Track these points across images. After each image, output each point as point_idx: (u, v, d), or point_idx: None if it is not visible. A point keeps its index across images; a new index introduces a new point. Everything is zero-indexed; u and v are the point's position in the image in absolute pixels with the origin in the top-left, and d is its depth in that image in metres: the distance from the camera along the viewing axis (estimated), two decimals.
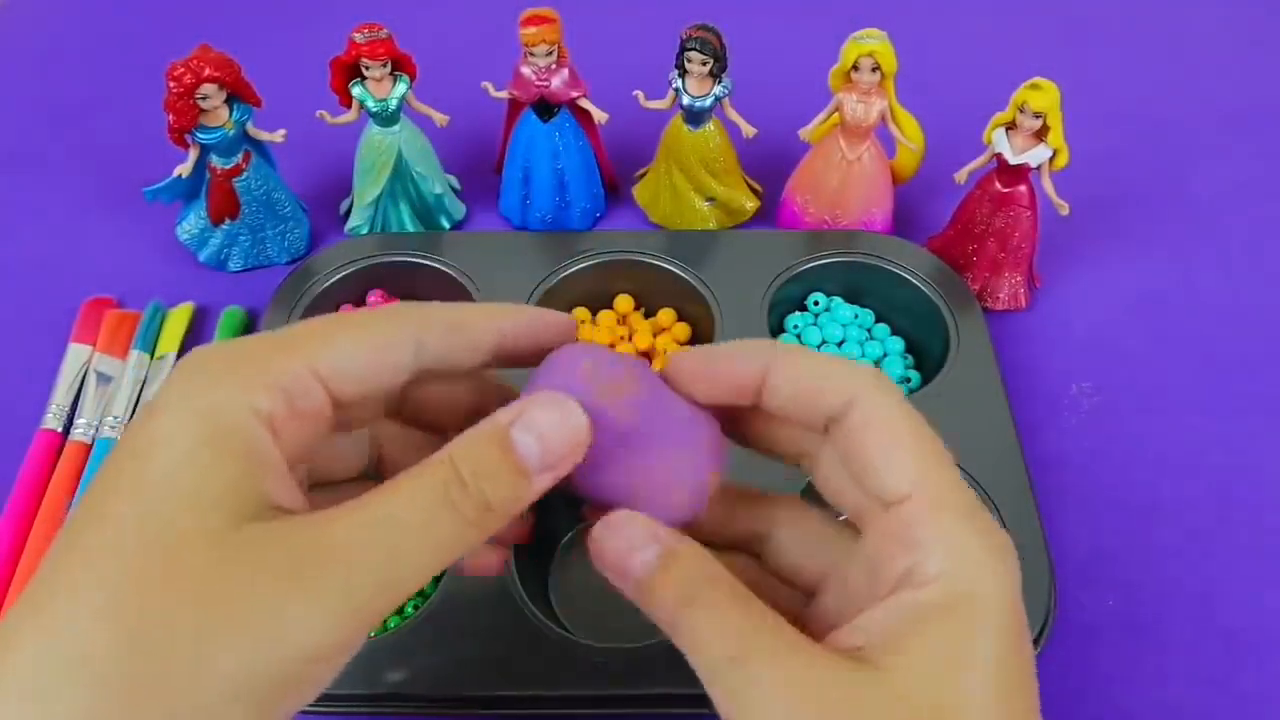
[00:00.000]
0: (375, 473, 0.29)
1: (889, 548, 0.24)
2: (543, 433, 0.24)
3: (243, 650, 0.20)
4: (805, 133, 0.58)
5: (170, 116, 0.52)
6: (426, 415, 0.29)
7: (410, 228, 0.60)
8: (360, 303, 0.57)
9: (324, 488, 0.27)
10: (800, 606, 0.27)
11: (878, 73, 0.53)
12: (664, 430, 0.26)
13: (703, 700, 0.24)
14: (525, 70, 0.56)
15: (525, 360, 0.27)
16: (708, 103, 0.55)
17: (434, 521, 0.22)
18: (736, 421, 0.28)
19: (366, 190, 0.58)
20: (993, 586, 0.23)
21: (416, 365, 0.25)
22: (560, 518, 0.49)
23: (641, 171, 0.63)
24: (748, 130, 0.57)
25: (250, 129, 0.55)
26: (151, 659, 0.20)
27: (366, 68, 0.54)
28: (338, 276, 0.55)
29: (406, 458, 0.27)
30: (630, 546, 0.24)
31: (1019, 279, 0.57)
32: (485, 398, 0.29)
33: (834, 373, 0.25)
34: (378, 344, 0.24)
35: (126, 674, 0.19)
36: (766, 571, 0.29)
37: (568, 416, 0.24)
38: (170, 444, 0.21)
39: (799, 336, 0.55)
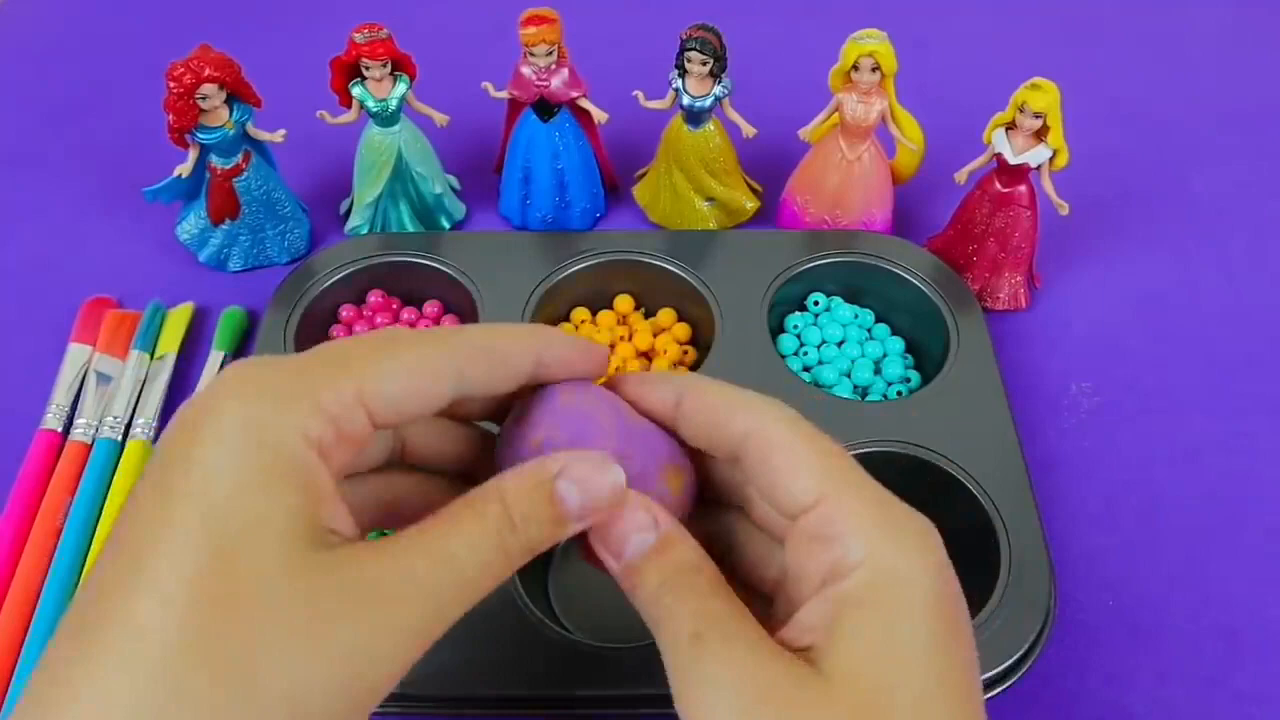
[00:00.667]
0: (400, 460, 0.29)
1: (808, 548, 0.25)
2: (586, 489, 0.25)
3: (312, 673, 0.21)
4: (805, 133, 0.58)
5: (170, 116, 0.52)
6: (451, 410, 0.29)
7: (410, 228, 0.60)
8: (360, 303, 0.57)
9: (350, 479, 0.28)
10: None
11: (878, 73, 0.53)
12: (643, 450, 0.28)
13: None
14: (525, 70, 0.56)
15: (553, 380, 0.28)
16: (708, 103, 0.55)
17: (490, 561, 0.24)
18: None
19: (366, 190, 0.58)
20: (916, 564, 0.24)
21: (455, 397, 0.26)
22: None
23: (641, 171, 0.63)
24: (748, 130, 0.57)
25: (250, 129, 0.55)
26: (220, 678, 0.20)
27: (366, 68, 0.54)
28: (338, 276, 0.55)
29: (430, 445, 0.29)
30: (634, 527, 0.25)
31: (1019, 279, 0.57)
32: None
33: (734, 404, 0.27)
34: (423, 374, 0.25)
35: (194, 692, 0.19)
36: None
37: (607, 474, 0.25)
38: (231, 470, 0.21)
39: (799, 336, 0.55)
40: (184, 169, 0.55)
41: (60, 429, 0.51)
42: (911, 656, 0.23)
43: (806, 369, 0.54)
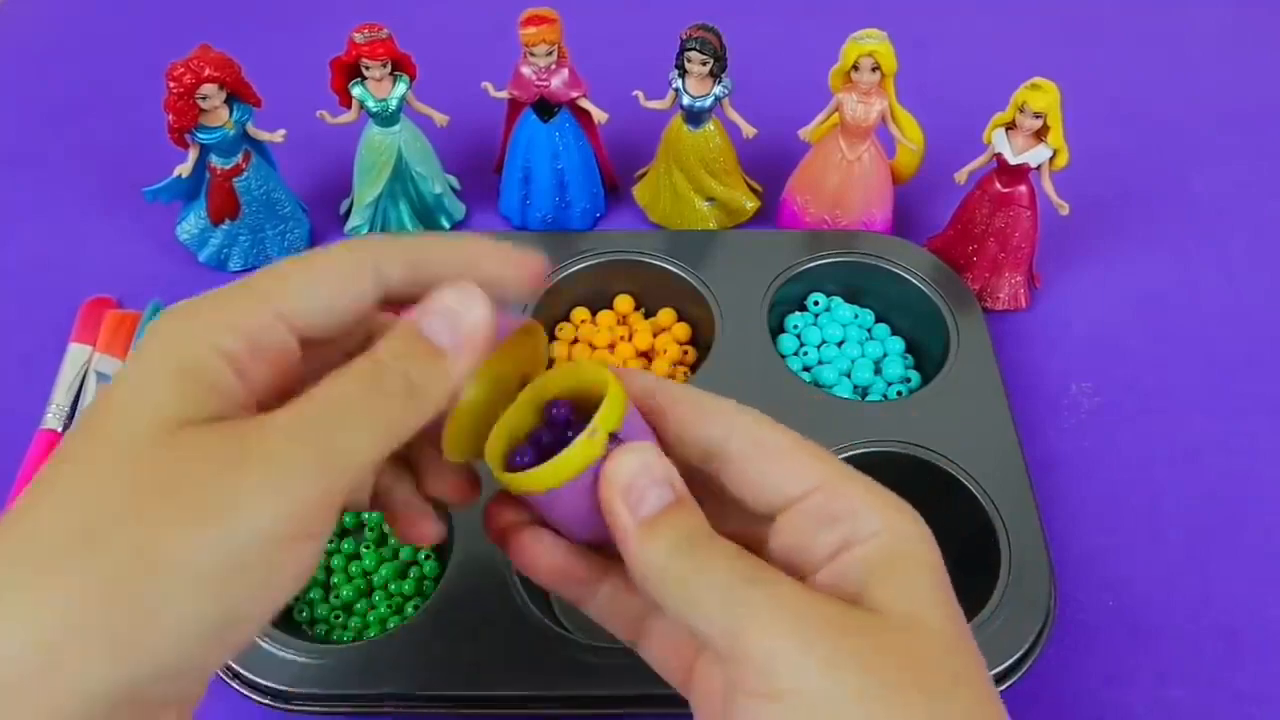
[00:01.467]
0: None
1: (812, 527, 0.26)
2: (451, 317, 0.25)
3: (195, 536, 0.21)
4: (805, 133, 0.58)
5: (170, 116, 0.52)
6: None
7: (410, 228, 0.60)
8: None
9: None
10: None
11: (878, 73, 0.53)
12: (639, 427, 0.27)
13: None
14: (525, 70, 0.56)
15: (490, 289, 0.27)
16: (708, 103, 0.55)
17: (364, 399, 0.24)
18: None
19: (366, 190, 0.58)
20: (922, 533, 0.26)
21: (378, 292, 0.26)
22: None
23: (641, 171, 0.63)
24: (747, 130, 0.57)
25: (250, 129, 0.55)
26: (107, 553, 0.20)
27: (366, 68, 0.54)
28: None
29: None
30: (651, 480, 0.25)
31: (1019, 279, 0.57)
32: None
33: (710, 408, 0.27)
34: (332, 276, 0.25)
35: (86, 569, 0.20)
36: None
37: (469, 300, 0.25)
38: (136, 373, 0.23)
39: (799, 336, 0.55)
40: (184, 169, 0.55)
41: (60, 429, 0.51)
42: (935, 600, 0.25)
43: (806, 369, 0.54)
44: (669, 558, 0.24)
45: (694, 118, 0.57)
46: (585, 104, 0.57)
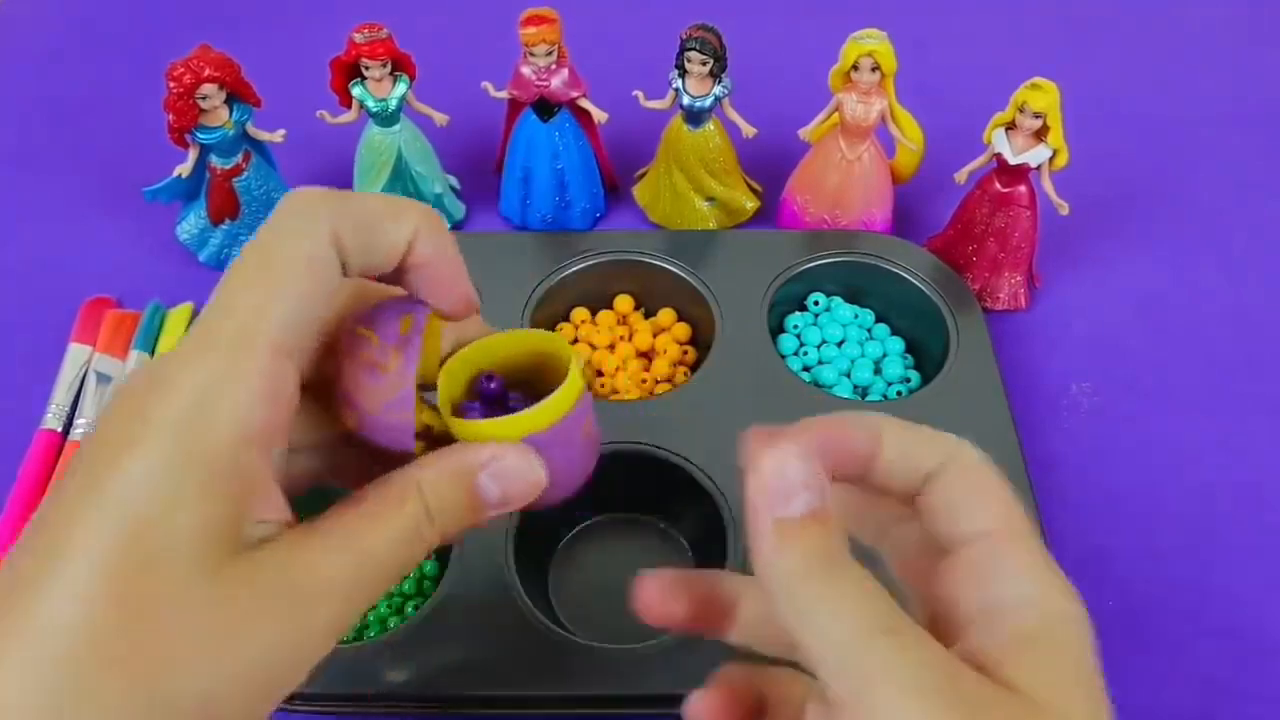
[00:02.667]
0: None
1: (968, 577, 0.24)
2: (508, 482, 0.25)
3: (226, 675, 0.21)
4: (805, 133, 0.58)
5: (170, 116, 0.52)
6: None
7: None
8: None
9: (291, 452, 0.27)
10: None
11: (877, 73, 0.53)
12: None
13: None
14: (525, 70, 0.56)
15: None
16: (707, 103, 0.55)
17: (407, 554, 0.24)
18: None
19: (366, 190, 0.58)
20: (1078, 612, 0.24)
21: (349, 271, 0.25)
22: (559, 518, 0.49)
23: (641, 171, 0.63)
24: (747, 130, 0.57)
25: (250, 129, 0.55)
26: (131, 681, 0.20)
27: (366, 68, 0.54)
28: None
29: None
30: (801, 480, 0.23)
31: (1019, 279, 0.57)
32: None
33: (931, 437, 0.26)
34: (306, 285, 0.23)
35: (101, 694, 0.20)
36: None
37: (532, 471, 0.25)
38: (160, 476, 0.21)
39: (799, 336, 0.55)
40: (184, 169, 0.55)
41: (60, 429, 0.51)
42: (1080, 690, 0.23)
43: (806, 369, 0.54)
44: (799, 578, 0.22)
45: (694, 118, 0.57)
46: (585, 104, 0.57)
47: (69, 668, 0.20)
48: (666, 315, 0.56)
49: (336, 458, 0.28)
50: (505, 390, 0.27)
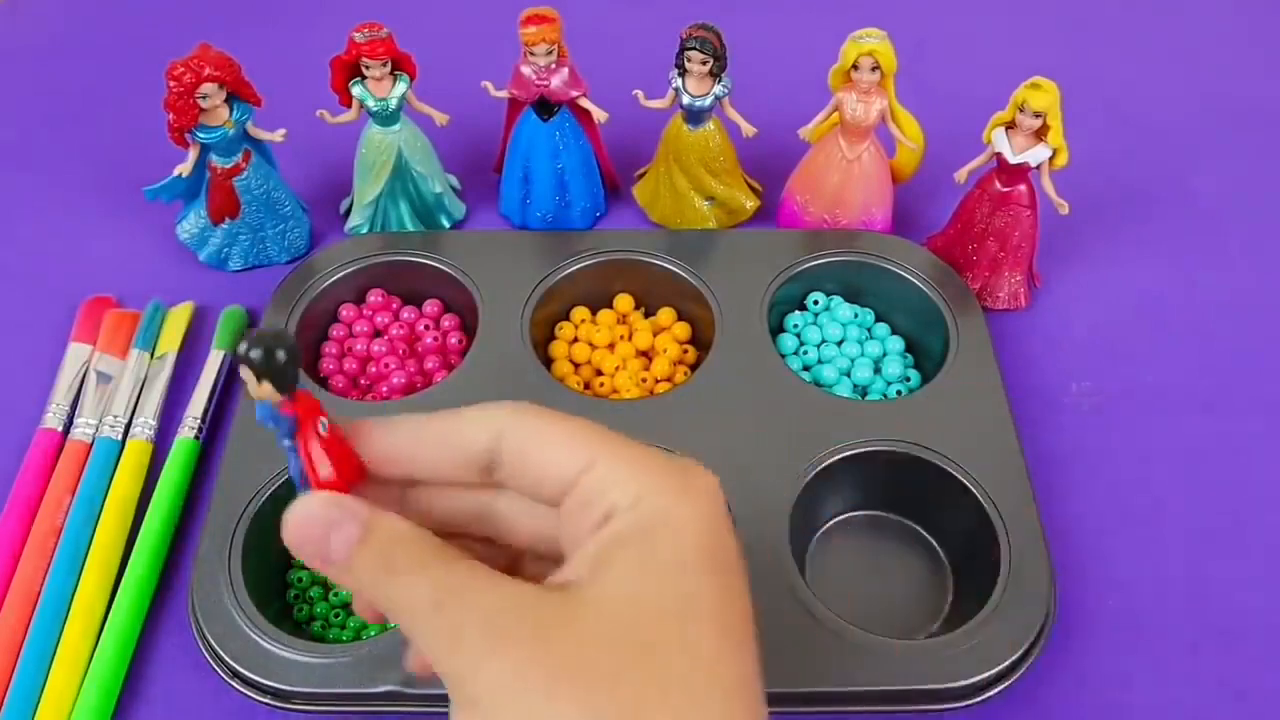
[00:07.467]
0: None
1: (580, 514, 0.25)
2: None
3: None
4: (805, 132, 0.58)
5: (170, 116, 0.52)
6: None
7: (410, 227, 0.60)
8: (360, 302, 0.57)
9: None
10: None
11: (877, 72, 0.53)
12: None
13: None
14: (525, 70, 0.56)
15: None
16: (708, 102, 0.55)
17: None
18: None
19: (366, 189, 0.58)
20: (686, 508, 0.24)
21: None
22: None
23: (641, 171, 0.63)
24: (747, 130, 0.57)
25: (250, 128, 0.55)
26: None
27: (367, 67, 0.54)
28: (338, 276, 0.55)
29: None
30: (328, 525, 0.24)
31: (1019, 278, 0.57)
32: None
33: (470, 417, 0.26)
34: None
35: None
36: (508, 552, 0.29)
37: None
38: None
39: (799, 336, 0.55)
40: (184, 168, 0.55)
41: (60, 428, 0.51)
42: (665, 579, 0.23)
43: (806, 369, 0.54)
44: (372, 587, 0.24)
45: (694, 117, 0.57)
46: (585, 103, 0.57)
47: None
48: (666, 315, 0.56)
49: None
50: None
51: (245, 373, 0.24)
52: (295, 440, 0.26)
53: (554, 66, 0.55)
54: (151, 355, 0.55)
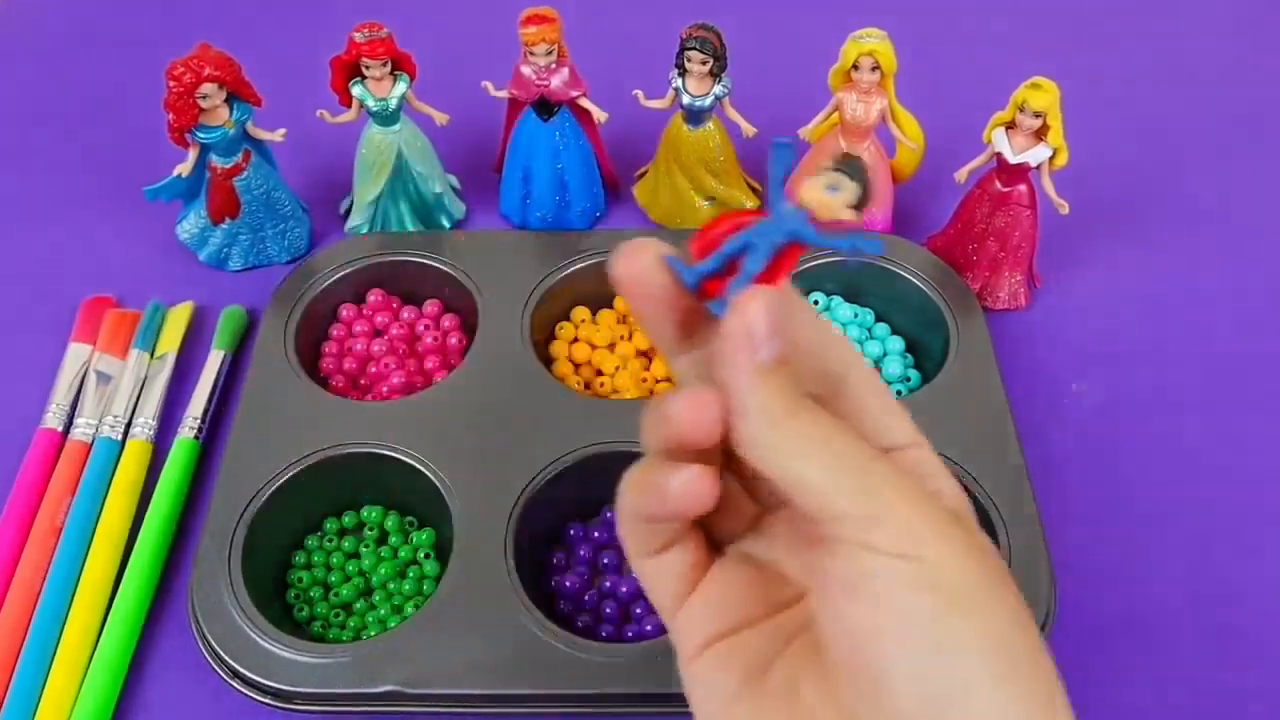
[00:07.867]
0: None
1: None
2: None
3: None
4: (805, 132, 0.58)
5: (170, 116, 0.52)
6: None
7: (410, 227, 0.60)
8: (360, 302, 0.57)
9: None
10: None
11: (877, 72, 0.53)
12: None
13: None
14: (525, 70, 0.56)
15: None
16: (708, 102, 0.55)
17: None
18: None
19: (366, 189, 0.58)
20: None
21: None
22: (559, 518, 0.49)
23: (641, 171, 0.63)
24: (747, 129, 0.57)
25: (250, 128, 0.55)
26: None
27: (367, 67, 0.54)
28: (338, 275, 0.55)
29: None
30: (773, 331, 0.24)
31: (1019, 278, 0.57)
32: None
33: (833, 341, 0.28)
34: None
35: None
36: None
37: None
38: None
39: None
40: (184, 168, 0.55)
41: (60, 428, 0.51)
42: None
43: None
44: (781, 413, 0.24)
45: (694, 117, 0.57)
46: (585, 103, 0.57)
47: None
48: None
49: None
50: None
51: (834, 178, 0.25)
52: (777, 257, 0.26)
53: (554, 66, 0.55)
54: (151, 355, 0.55)
